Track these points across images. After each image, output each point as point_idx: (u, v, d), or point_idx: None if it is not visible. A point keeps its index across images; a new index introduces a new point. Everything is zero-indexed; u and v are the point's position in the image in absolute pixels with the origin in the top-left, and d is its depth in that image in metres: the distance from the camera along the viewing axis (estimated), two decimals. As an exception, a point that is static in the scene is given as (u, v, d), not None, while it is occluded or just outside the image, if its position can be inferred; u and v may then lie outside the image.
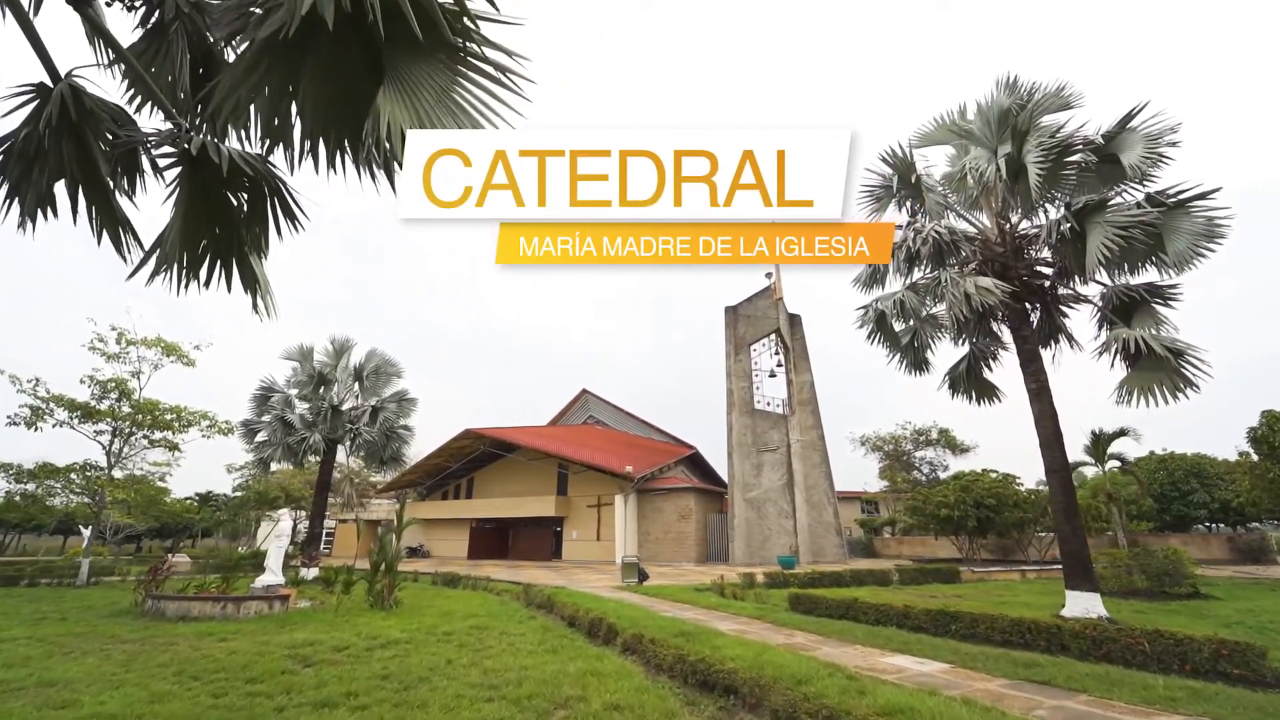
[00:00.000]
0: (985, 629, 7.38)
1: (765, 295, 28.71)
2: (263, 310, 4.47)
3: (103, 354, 14.97)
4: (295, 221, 4.22)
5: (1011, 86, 9.57)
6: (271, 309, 4.57)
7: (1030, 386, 9.31)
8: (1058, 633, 6.66)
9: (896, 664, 6.04)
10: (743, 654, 5.82)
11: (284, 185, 4.10)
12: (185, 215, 3.95)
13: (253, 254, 4.33)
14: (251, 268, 4.35)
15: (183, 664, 5.80)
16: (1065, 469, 8.87)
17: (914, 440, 34.08)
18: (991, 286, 8.25)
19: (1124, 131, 8.52)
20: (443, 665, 5.76)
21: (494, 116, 3.29)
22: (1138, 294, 9.19)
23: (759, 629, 8.15)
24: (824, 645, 7.00)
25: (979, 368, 11.21)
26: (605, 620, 7.84)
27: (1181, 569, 11.29)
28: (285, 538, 10.96)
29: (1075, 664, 5.83)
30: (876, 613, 8.72)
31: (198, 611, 9.13)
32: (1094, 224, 7.97)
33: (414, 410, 19.19)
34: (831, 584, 14.06)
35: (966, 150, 10.65)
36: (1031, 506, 18.82)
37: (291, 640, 6.88)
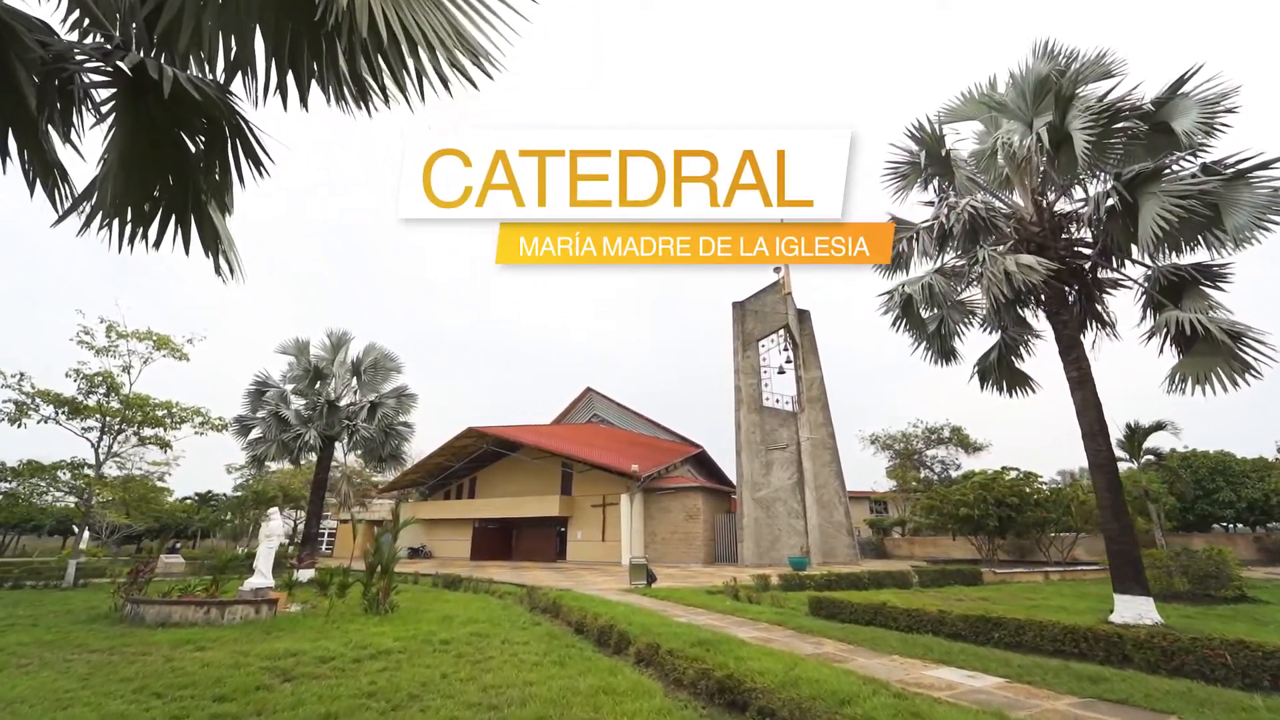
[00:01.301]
0: (1033, 637, 6.74)
1: (773, 290, 28.06)
2: (225, 271, 3.87)
3: (90, 347, 14.44)
4: (260, 166, 3.62)
5: (1049, 53, 8.92)
6: (237, 270, 3.98)
7: (1071, 375, 8.67)
8: (1118, 642, 6.00)
9: (944, 678, 5.41)
10: (772, 667, 5.19)
11: (246, 122, 3.49)
12: (128, 157, 3.35)
13: (213, 206, 3.73)
14: (212, 222, 3.75)
15: (147, 678, 5.20)
16: (1112, 463, 8.22)
17: (925, 439, 33.35)
18: (1034, 264, 7.60)
19: (1175, 97, 7.87)
20: (437, 680, 5.14)
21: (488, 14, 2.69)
22: (1187, 274, 8.52)
23: (782, 636, 7.52)
24: (857, 655, 6.37)
25: (1010, 357, 10.56)
26: (616, 627, 7.23)
27: (1226, 570, 10.62)
28: (275, 538, 10.38)
29: (1146, 678, 5.19)
30: (908, 618, 8.08)
31: (179, 617, 8.53)
32: (1147, 195, 7.31)
33: (414, 406, 18.61)
34: (849, 586, 13.44)
35: (997, 124, 10.02)
36: (1053, 505, 18.11)
37: (273, 650, 6.27)
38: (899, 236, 10.42)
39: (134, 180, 3.48)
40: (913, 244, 10.08)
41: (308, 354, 17.39)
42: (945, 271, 9.79)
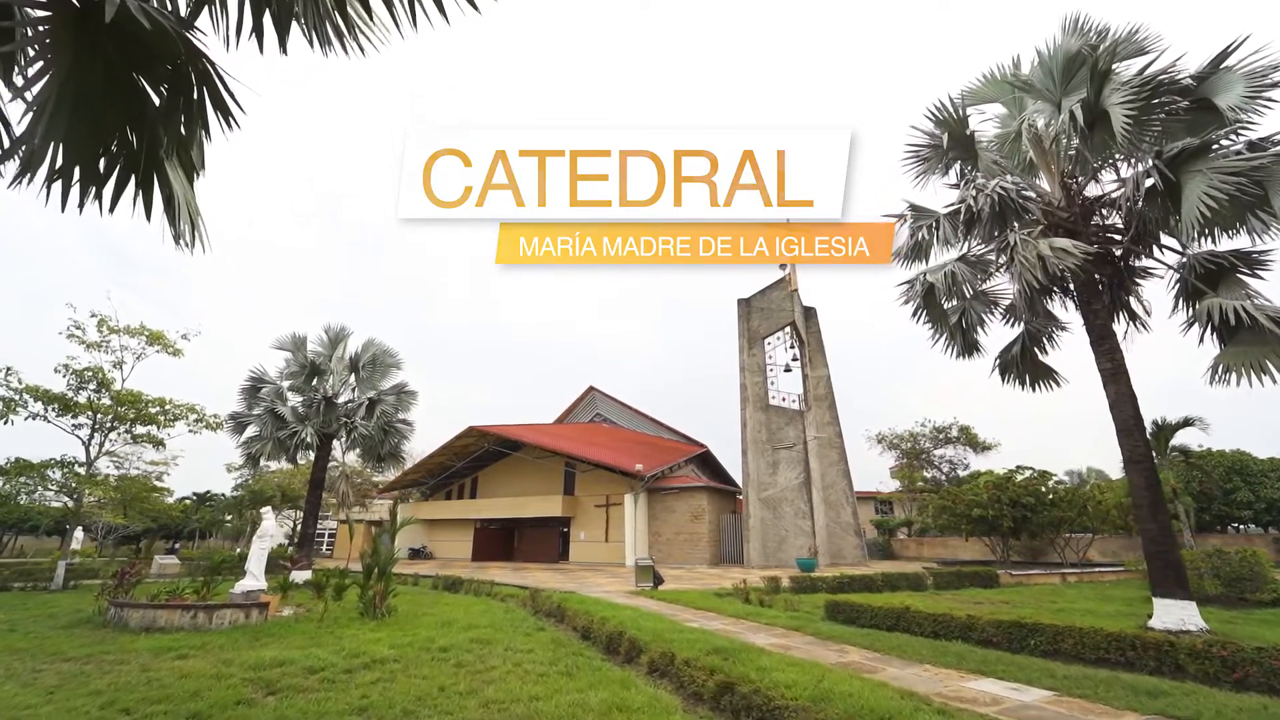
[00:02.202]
0: (1073, 644, 6.29)
1: (779, 287, 27.61)
2: (186, 241, 3.44)
3: (81, 342, 14.03)
4: (230, 117, 3.20)
5: (1080, 29, 8.48)
6: (203, 241, 3.55)
7: (1104, 367, 8.21)
8: (1170, 650, 5.56)
9: (986, 691, 4.96)
10: (799, 679, 4.74)
11: (212, 64, 3.06)
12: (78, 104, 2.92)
13: (174, 163, 3.31)
14: (171, 183, 3.32)
15: (119, 691, 4.77)
16: (1149, 459, 7.76)
17: (933, 438, 32.84)
18: (1070, 247, 7.14)
19: (1218, 72, 7.41)
20: (434, 694, 4.71)
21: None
22: (1225, 261, 8.06)
23: (802, 643, 7.08)
24: (887, 665, 5.92)
25: (1034, 350, 10.11)
26: (625, 634, 6.79)
27: (1261, 573, 10.16)
28: (268, 538, 9.95)
29: (1210, 692, 4.74)
30: (934, 624, 7.63)
31: (164, 621, 8.11)
32: (1192, 173, 6.86)
33: (414, 404, 18.17)
34: (862, 589, 12.99)
35: (1021, 106, 9.58)
36: (1069, 506, 17.63)
37: (259, 659, 5.84)
38: (918, 224, 9.98)
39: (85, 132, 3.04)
40: (933, 232, 9.64)
41: (304, 349, 16.95)
42: (968, 260, 9.34)
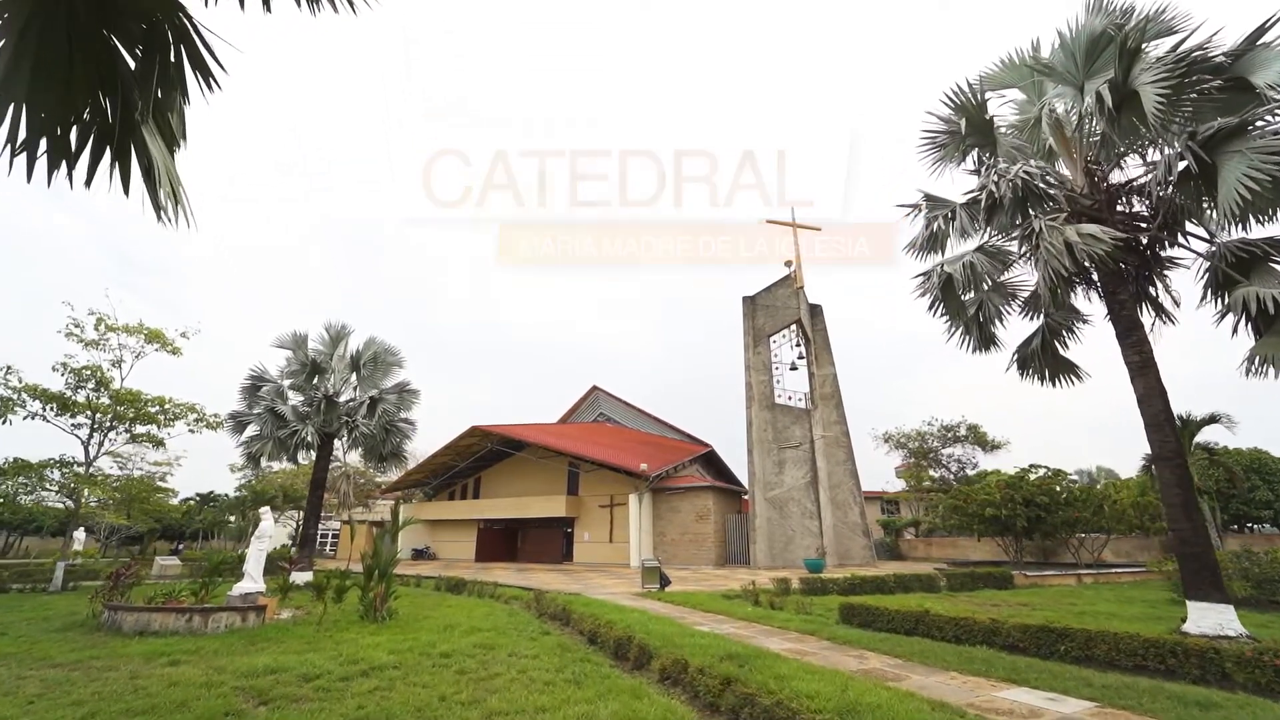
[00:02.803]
0: (1106, 650, 5.97)
1: (785, 284, 27.30)
2: (169, 217, 3.18)
3: (79, 340, 13.84)
4: (210, 78, 2.94)
5: (1104, 8, 8.16)
6: (187, 214, 3.28)
7: (1131, 360, 7.88)
8: (1215, 658, 5.24)
9: (1022, 701, 4.66)
10: (821, 689, 4.45)
11: (190, 19, 2.80)
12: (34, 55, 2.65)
13: (151, 131, 3.04)
14: (150, 151, 3.05)
15: (103, 701, 4.51)
16: (1179, 455, 7.43)
17: (941, 437, 32.41)
18: (1098, 233, 6.83)
19: (1254, 49, 7.07)
20: (435, 704, 4.43)
21: None
22: (1258, 248, 7.72)
23: (818, 648, 6.78)
24: (910, 672, 5.62)
25: (1054, 343, 9.79)
26: (634, 638, 6.50)
27: (1292, 574, 9.80)
28: (266, 539, 9.71)
29: (1268, 704, 4.43)
30: (956, 628, 7.32)
31: (159, 625, 7.87)
32: (1229, 154, 6.54)
33: (416, 403, 17.91)
34: (874, 590, 12.67)
35: (1040, 91, 9.27)
36: (1084, 505, 17.26)
37: (252, 666, 5.58)
38: (933, 214, 9.69)
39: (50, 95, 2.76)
40: (949, 222, 9.34)
41: (305, 348, 16.73)
42: (987, 250, 9.03)
